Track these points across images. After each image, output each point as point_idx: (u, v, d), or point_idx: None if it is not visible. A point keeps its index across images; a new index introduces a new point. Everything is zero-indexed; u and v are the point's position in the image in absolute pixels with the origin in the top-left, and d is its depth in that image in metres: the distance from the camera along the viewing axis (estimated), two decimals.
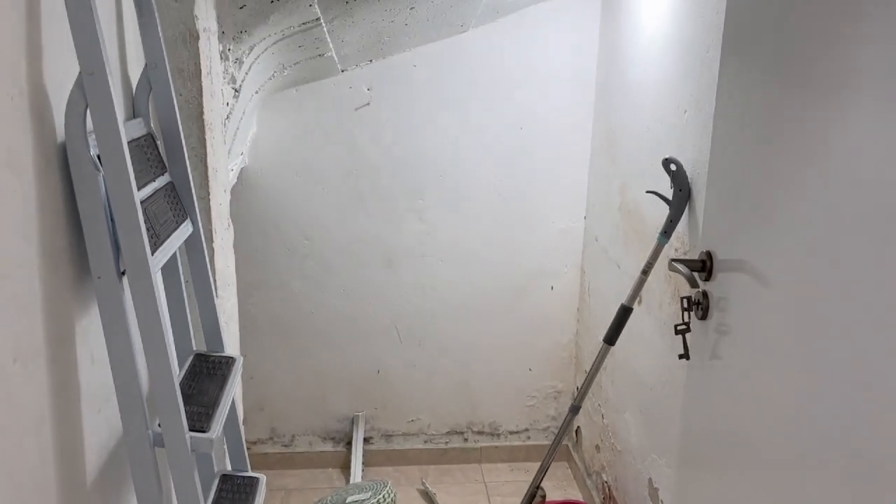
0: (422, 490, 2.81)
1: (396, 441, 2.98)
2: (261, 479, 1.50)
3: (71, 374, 1.02)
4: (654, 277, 2.02)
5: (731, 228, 1.14)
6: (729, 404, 1.18)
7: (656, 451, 2.07)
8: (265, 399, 2.87)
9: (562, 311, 2.89)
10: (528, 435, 3.03)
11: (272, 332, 2.80)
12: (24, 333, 0.89)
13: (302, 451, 2.93)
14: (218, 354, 1.43)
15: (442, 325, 2.86)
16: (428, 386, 2.93)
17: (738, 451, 1.17)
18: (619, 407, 2.41)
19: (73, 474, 1.03)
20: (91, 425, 1.09)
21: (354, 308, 2.81)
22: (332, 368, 2.87)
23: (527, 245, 2.80)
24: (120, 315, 1.04)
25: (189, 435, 1.12)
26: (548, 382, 2.98)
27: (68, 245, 1.01)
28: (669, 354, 1.98)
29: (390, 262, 2.77)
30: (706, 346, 1.19)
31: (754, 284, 1.07)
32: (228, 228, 1.74)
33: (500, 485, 2.85)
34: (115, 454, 1.18)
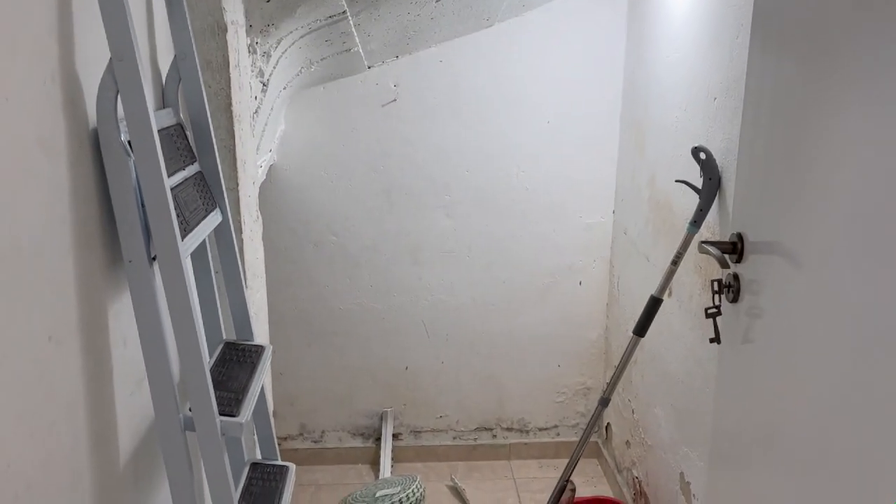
0: (451, 486, 2.80)
1: (425, 437, 2.98)
2: (290, 467, 1.50)
3: (104, 357, 1.04)
4: (683, 269, 1.99)
5: (762, 210, 1.12)
6: (762, 389, 1.16)
7: (687, 444, 2.05)
8: (295, 395, 2.89)
9: (590, 307, 2.87)
10: (558, 432, 3.01)
11: (301, 328, 2.82)
12: (59, 313, 0.90)
13: (332, 446, 2.95)
14: (247, 343, 1.45)
15: (469, 321, 2.86)
16: (456, 382, 2.93)
17: (772, 440, 1.15)
18: (649, 401, 2.39)
19: (105, 457, 1.04)
20: (123, 408, 1.11)
21: (382, 304, 2.82)
22: (360, 364, 2.88)
23: (554, 240, 2.79)
24: (151, 299, 1.05)
25: (219, 419, 1.13)
26: (577, 379, 2.96)
27: (100, 229, 1.03)
28: (700, 346, 1.95)
29: (417, 258, 2.78)
30: (737, 329, 1.18)
31: (786, 266, 1.05)
32: (257, 220, 1.76)
33: (529, 481, 2.84)
34: (146, 438, 1.19)
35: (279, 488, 1.43)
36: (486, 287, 2.83)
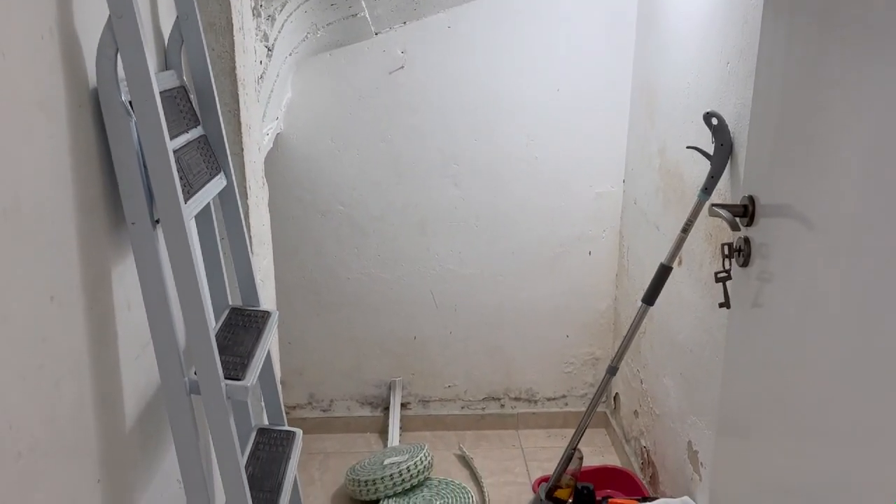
0: (459, 455, 2.82)
1: (433, 406, 2.99)
2: (297, 432, 1.51)
3: (108, 319, 1.04)
4: (693, 237, 1.97)
5: (774, 172, 1.10)
6: (771, 355, 1.15)
7: (696, 413, 2.04)
8: (303, 364, 2.90)
9: (599, 277, 2.86)
10: (566, 402, 3.01)
11: (309, 298, 2.82)
12: (60, 274, 0.90)
13: (340, 415, 2.96)
14: (253, 308, 1.44)
15: (478, 292, 2.85)
16: (464, 352, 2.93)
17: (781, 407, 1.14)
18: (657, 371, 2.38)
19: (111, 419, 1.04)
20: (129, 371, 1.10)
21: (390, 274, 2.81)
22: (368, 334, 2.88)
23: (564, 210, 2.76)
24: (154, 262, 1.05)
25: (224, 383, 1.13)
26: (585, 349, 2.95)
27: (102, 190, 1.02)
28: (710, 314, 1.93)
29: (425, 228, 2.76)
30: (748, 294, 1.16)
31: (798, 229, 1.03)
32: (263, 187, 1.74)
33: (537, 450, 2.84)
34: (152, 401, 1.20)
35: (286, 453, 1.44)
36: (495, 257, 2.81)
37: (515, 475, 2.69)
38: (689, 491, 2.06)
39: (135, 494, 1.13)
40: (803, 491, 1.08)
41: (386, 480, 2.40)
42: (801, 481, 1.09)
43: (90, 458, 0.97)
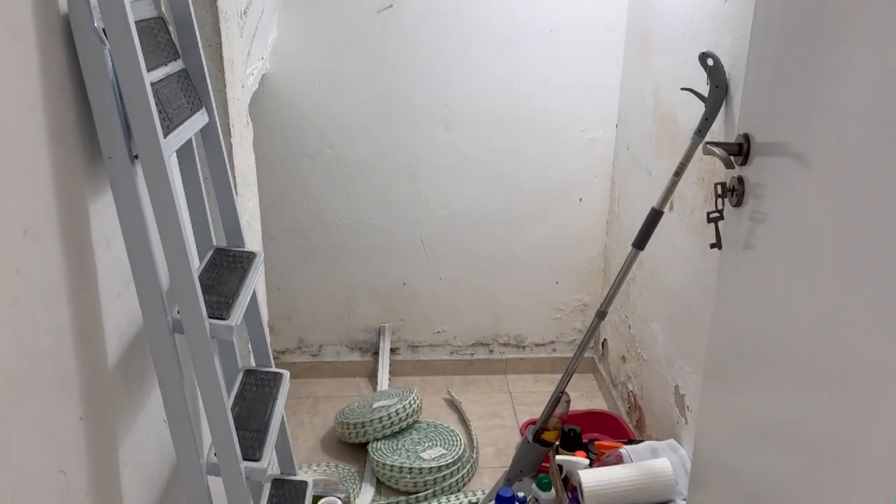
0: (447, 399, 2.84)
1: (423, 352, 3.00)
2: (284, 374, 1.50)
3: (86, 256, 1.01)
4: (685, 181, 1.95)
5: (770, 110, 1.07)
6: (761, 297, 1.14)
7: (683, 357, 2.05)
8: (292, 309, 2.89)
9: (590, 224, 2.84)
10: (554, 347, 3.03)
11: (297, 243, 2.79)
12: (34, 206, 0.87)
13: (329, 360, 2.97)
14: (238, 249, 1.42)
15: (467, 238, 2.83)
16: (454, 298, 2.92)
17: (768, 351, 1.13)
18: (646, 317, 2.39)
19: (92, 356, 1.03)
20: (110, 309, 1.08)
21: (379, 220, 2.79)
22: (358, 280, 2.87)
23: (555, 155, 2.73)
24: (133, 198, 1.02)
25: (208, 322, 1.11)
26: (574, 296, 2.95)
27: (77, 122, 0.98)
28: (700, 260, 1.93)
29: (415, 172, 2.72)
30: (739, 234, 1.14)
31: (793, 167, 1.01)
32: (247, 126, 1.70)
33: (525, 395, 2.87)
34: (135, 340, 1.18)
35: (273, 394, 1.43)
36: (485, 203, 2.79)
37: (503, 419, 2.71)
38: (675, 434, 2.09)
39: (119, 433, 1.13)
40: (788, 435, 1.09)
41: (375, 423, 2.41)
42: (785, 426, 1.09)
43: (71, 395, 0.96)
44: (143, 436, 1.21)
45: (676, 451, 1.98)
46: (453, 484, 2.30)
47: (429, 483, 2.28)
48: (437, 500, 2.25)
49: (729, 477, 1.38)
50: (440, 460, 2.32)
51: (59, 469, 0.92)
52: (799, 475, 1.05)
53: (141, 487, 1.20)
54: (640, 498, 1.85)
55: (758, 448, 1.21)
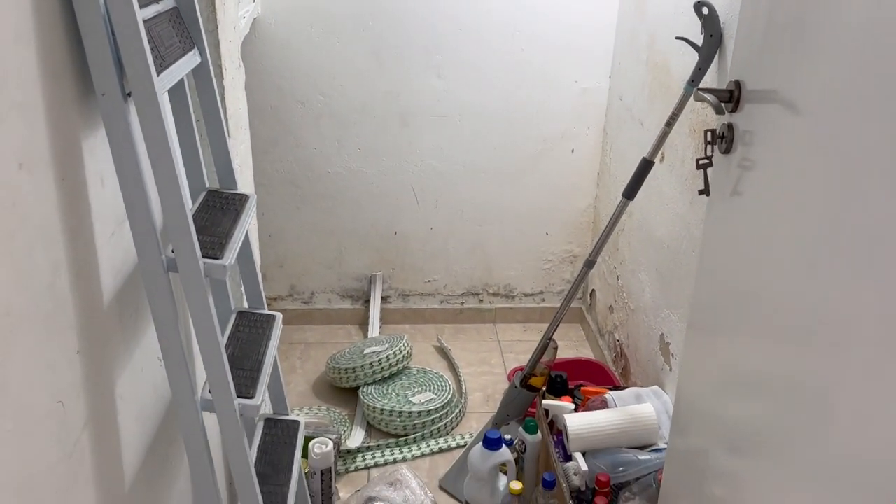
0: (437, 346, 2.88)
1: (413, 300, 3.03)
2: (277, 316, 1.52)
3: (80, 193, 1.02)
4: (677, 132, 1.96)
5: (762, 57, 1.07)
6: (747, 245, 1.16)
7: (670, 306, 2.09)
8: (284, 257, 2.91)
9: (581, 175, 2.85)
10: (543, 298, 3.06)
11: (289, 190, 2.79)
12: (28, 140, 0.87)
13: (321, 307, 3.00)
14: (231, 191, 1.42)
15: (459, 188, 2.84)
16: (444, 248, 2.94)
17: (752, 299, 1.16)
18: (634, 267, 2.42)
19: (88, 292, 1.04)
20: (104, 247, 1.09)
21: (371, 168, 2.79)
22: (349, 228, 2.88)
23: (548, 106, 2.72)
24: (127, 135, 1.02)
25: (202, 261, 1.13)
26: (564, 247, 2.98)
27: (69, 57, 0.98)
28: (689, 211, 1.95)
29: (407, 121, 2.71)
30: (728, 181, 1.16)
31: (783, 115, 1.02)
32: (239, 69, 1.69)
33: (513, 343, 2.92)
34: (130, 279, 1.19)
35: (266, 335, 1.46)
36: (477, 153, 2.79)
37: (492, 366, 2.76)
38: (660, 381, 2.14)
39: (115, 369, 1.15)
40: (766, 384, 1.12)
41: (366, 368, 2.46)
42: (765, 375, 1.12)
43: (68, 329, 0.97)
44: (138, 372, 1.24)
45: (660, 398, 2.03)
46: (442, 427, 2.35)
47: (418, 426, 2.33)
48: (427, 443, 2.31)
49: (709, 422, 1.42)
50: (429, 405, 2.37)
51: (57, 400, 0.94)
52: (776, 421, 1.09)
53: (137, 422, 1.23)
54: (624, 441, 1.90)
55: (738, 395, 1.24)
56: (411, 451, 2.27)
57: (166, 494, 1.39)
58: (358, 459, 2.23)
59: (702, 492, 1.40)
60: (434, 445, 2.30)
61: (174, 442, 1.43)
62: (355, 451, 2.24)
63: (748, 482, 1.19)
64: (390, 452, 2.26)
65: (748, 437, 1.20)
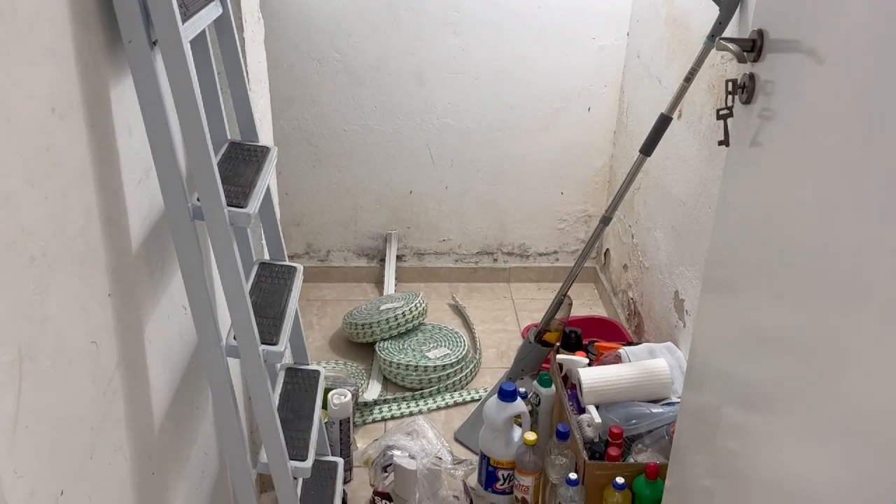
0: (452, 304, 2.91)
1: (428, 259, 3.05)
2: (298, 267, 1.55)
3: (109, 139, 1.04)
4: (695, 88, 1.95)
5: (787, 4, 1.07)
6: (765, 197, 1.17)
7: (685, 263, 2.10)
8: (300, 215, 2.93)
9: (598, 134, 2.84)
10: (557, 257, 3.08)
11: (306, 149, 2.81)
12: (60, 87, 0.89)
13: (337, 265, 3.03)
14: (252, 144, 1.44)
15: (474, 146, 2.84)
16: (459, 207, 2.96)
17: (769, 253, 1.16)
18: (649, 225, 2.42)
19: (118, 237, 1.07)
20: (132, 194, 1.12)
21: (387, 127, 2.79)
22: (365, 187, 2.90)
23: (565, 63, 2.70)
24: (153, 82, 1.03)
25: (227, 209, 1.15)
26: (579, 206, 2.99)
27: (97, 5, 0.99)
28: (706, 168, 1.95)
29: (423, 79, 2.71)
30: (748, 132, 1.16)
31: (806, 63, 1.02)
32: (259, 22, 1.69)
33: (527, 301, 2.94)
34: (157, 226, 1.22)
35: (288, 285, 1.49)
36: (493, 111, 2.78)
37: (506, 324, 2.79)
38: (673, 337, 2.16)
39: (143, 315, 1.18)
40: (781, 342, 1.12)
41: (382, 324, 2.49)
42: (779, 332, 1.13)
43: (100, 272, 1.00)
44: (164, 319, 1.27)
45: (673, 353, 2.06)
46: (457, 382, 2.40)
47: (433, 381, 2.37)
48: (442, 397, 2.35)
49: (722, 378, 1.43)
50: (444, 359, 2.41)
51: (91, 340, 0.98)
52: (789, 377, 1.10)
53: (164, 366, 1.27)
54: (637, 395, 1.93)
55: (752, 351, 1.25)
56: (427, 405, 2.32)
57: (192, 438, 1.44)
58: (375, 412, 2.28)
59: (714, 444, 1.42)
60: (449, 399, 2.34)
61: (200, 389, 1.47)
62: (372, 403, 2.29)
63: (760, 436, 1.21)
64: (406, 405, 2.30)
65: (761, 393, 1.22)
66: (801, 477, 1.06)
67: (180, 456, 1.37)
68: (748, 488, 1.23)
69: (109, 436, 1.04)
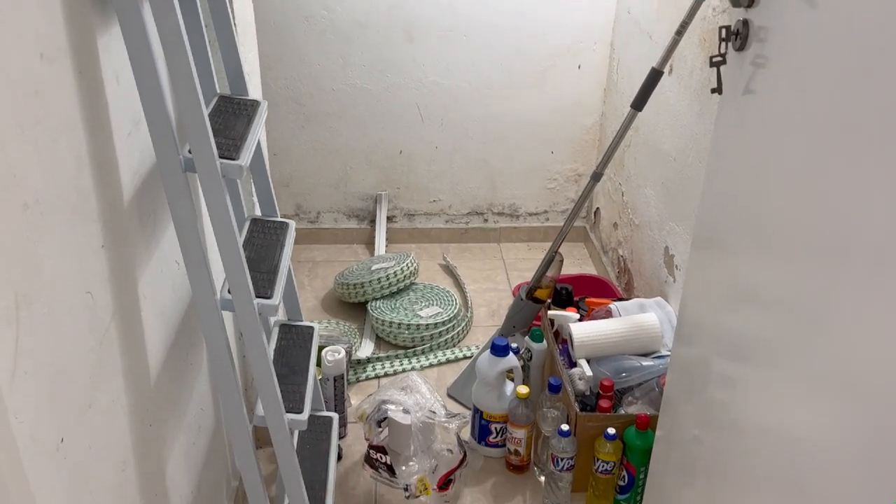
0: (443, 265, 2.92)
1: (418, 220, 3.05)
2: (290, 223, 1.54)
3: (98, 88, 1.02)
4: (686, 43, 1.94)
5: None
6: (758, 148, 1.17)
7: (675, 219, 2.11)
8: (290, 176, 2.91)
9: (588, 92, 2.83)
10: (547, 217, 3.09)
11: (294, 108, 2.78)
12: (47, 32, 0.88)
13: (327, 227, 3.02)
14: (242, 97, 1.43)
15: (464, 105, 2.82)
16: (449, 167, 2.95)
17: (760, 207, 1.16)
18: (640, 182, 2.43)
19: (109, 188, 1.06)
20: (122, 145, 1.11)
21: (376, 85, 2.76)
22: (354, 147, 2.88)
23: (555, 20, 2.68)
24: (141, 30, 1.01)
25: (219, 161, 1.14)
26: (569, 165, 2.98)
27: None
28: (696, 122, 1.95)
29: (412, 36, 2.68)
30: (741, 79, 1.16)
31: (801, 9, 1.01)
32: None
33: (517, 261, 2.95)
34: (148, 178, 1.21)
35: (280, 241, 1.48)
36: (483, 69, 2.76)
37: (497, 283, 2.81)
38: (663, 293, 2.18)
39: (136, 267, 1.18)
40: (769, 298, 1.13)
41: (374, 284, 2.50)
42: (767, 289, 1.14)
43: (93, 222, 1.00)
44: (157, 273, 1.27)
45: (663, 308, 2.08)
46: (449, 340, 2.41)
47: (426, 339, 2.39)
48: (434, 354, 2.37)
49: (712, 332, 1.45)
50: (436, 318, 2.42)
51: (86, 290, 0.97)
52: (777, 331, 1.11)
53: (159, 320, 1.27)
54: (627, 349, 1.95)
55: (741, 306, 1.27)
56: (419, 362, 2.34)
57: (189, 393, 1.45)
58: (368, 369, 2.29)
59: (703, 396, 1.44)
60: (441, 356, 2.36)
61: (195, 345, 1.48)
62: (365, 361, 2.30)
63: (748, 386, 1.23)
64: (399, 363, 2.32)
65: (750, 346, 1.23)
66: (787, 425, 1.08)
67: (177, 410, 1.38)
68: (736, 436, 1.25)
69: (107, 386, 1.05)
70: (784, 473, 1.08)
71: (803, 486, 1.02)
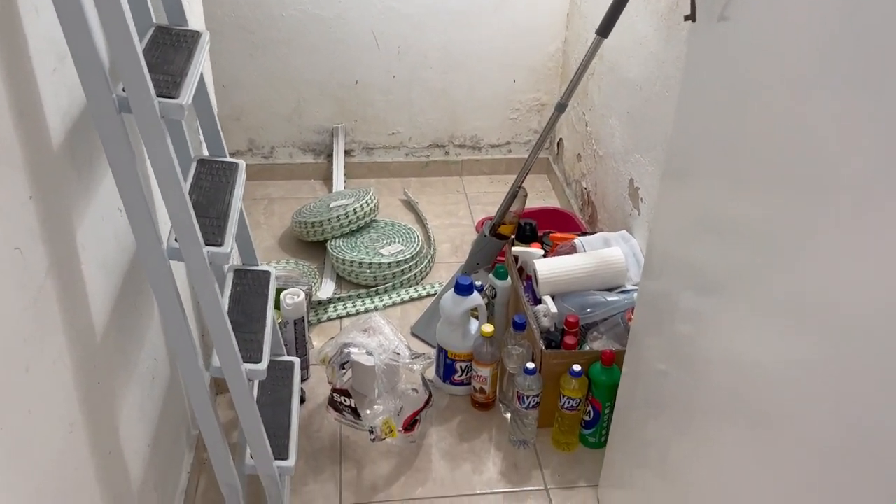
0: (404, 200, 2.85)
1: (378, 154, 2.96)
2: (240, 163, 1.46)
3: (12, 21, 0.92)
4: None
5: None
6: (731, 79, 1.12)
7: (640, 150, 2.06)
8: (241, 109, 2.78)
9: (550, 17, 2.72)
10: (510, 148, 3.02)
11: (242, 37, 2.63)
12: None
13: (282, 162, 2.91)
14: (180, 28, 1.31)
15: (422, 32, 2.70)
16: (408, 98, 2.84)
17: (733, 136, 1.12)
18: (604, 112, 2.37)
19: (35, 134, 0.97)
20: (46, 86, 1.01)
21: (328, 11, 2.62)
22: (307, 77, 2.75)
23: None
24: None
25: (157, 100, 1.05)
26: (532, 95, 2.90)
27: None
28: (663, 49, 1.88)
29: None
30: (715, 5, 1.10)
31: None
32: None
33: (480, 195, 2.90)
34: (80, 121, 1.11)
35: (230, 183, 1.40)
36: None
37: (459, 218, 2.75)
38: (628, 226, 2.15)
39: (73, 218, 1.09)
40: (740, 229, 1.11)
41: (333, 222, 2.43)
42: (741, 219, 1.11)
43: (17, 172, 0.91)
44: (98, 222, 1.18)
45: (628, 241, 2.05)
46: (412, 277, 2.37)
47: (388, 277, 2.34)
48: (397, 293, 2.33)
49: (680, 265, 1.43)
50: (398, 255, 2.37)
51: (14, 246, 0.89)
52: (745, 265, 1.09)
53: (101, 271, 1.19)
54: (592, 284, 1.93)
55: (711, 239, 1.24)
56: (382, 301, 2.30)
57: (139, 344, 1.38)
58: (329, 310, 2.24)
59: (671, 330, 1.43)
60: (405, 295, 2.32)
61: (142, 293, 1.41)
62: (326, 301, 2.25)
63: (715, 320, 1.22)
64: (361, 302, 2.28)
65: (719, 280, 1.21)
66: (753, 357, 1.07)
67: (128, 363, 1.31)
68: (702, 369, 1.25)
69: (46, 346, 0.98)
70: (748, 404, 1.08)
71: (767, 415, 1.02)
